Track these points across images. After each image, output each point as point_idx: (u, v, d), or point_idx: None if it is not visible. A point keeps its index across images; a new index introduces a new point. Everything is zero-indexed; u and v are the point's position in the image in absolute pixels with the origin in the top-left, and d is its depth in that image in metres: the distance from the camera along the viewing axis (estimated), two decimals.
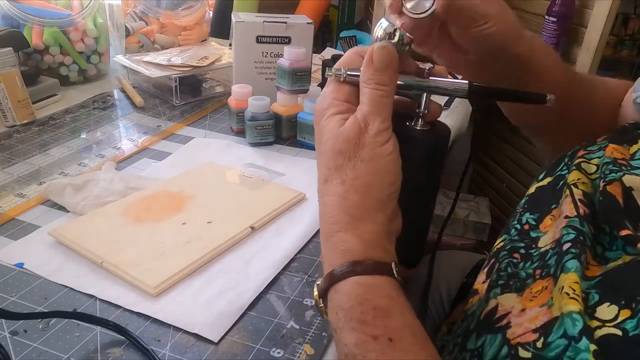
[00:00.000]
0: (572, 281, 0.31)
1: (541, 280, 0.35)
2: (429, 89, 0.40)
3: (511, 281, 0.38)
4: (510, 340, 0.33)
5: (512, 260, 0.40)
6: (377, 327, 0.31)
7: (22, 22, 0.88)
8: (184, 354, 0.39)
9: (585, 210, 0.36)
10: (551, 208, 0.41)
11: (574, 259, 0.32)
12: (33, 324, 0.41)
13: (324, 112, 0.38)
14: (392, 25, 0.37)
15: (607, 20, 1.24)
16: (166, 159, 0.70)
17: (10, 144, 0.72)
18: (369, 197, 0.35)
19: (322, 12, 1.39)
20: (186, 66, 0.90)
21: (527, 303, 0.35)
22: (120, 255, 0.48)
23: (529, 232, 0.41)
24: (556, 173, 0.43)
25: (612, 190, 0.35)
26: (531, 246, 0.40)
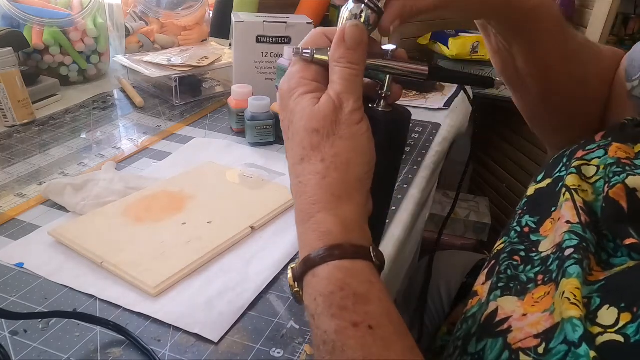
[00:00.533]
0: (573, 287, 0.31)
1: (543, 286, 0.35)
2: (392, 71, 0.40)
3: (511, 284, 0.38)
4: (511, 345, 0.32)
5: (512, 263, 0.40)
6: (357, 314, 0.31)
7: (22, 22, 0.88)
8: (184, 354, 0.39)
9: (586, 219, 0.36)
10: (551, 211, 0.40)
11: (576, 265, 0.32)
12: (33, 324, 0.41)
13: (292, 92, 0.37)
14: (358, 6, 0.37)
15: (607, 20, 1.24)
16: (166, 159, 0.70)
17: (10, 144, 0.72)
18: (350, 175, 0.35)
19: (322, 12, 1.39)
20: (186, 66, 0.90)
21: (529, 308, 0.34)
22: (120, 255, 0.48)
23: (529, 235, 0.41)
24: (555, 175, 0.43)
25: (615, 195, 0.35)
26: (531, 249, 0.39)
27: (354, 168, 0.35)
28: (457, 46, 1.40)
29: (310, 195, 0.35)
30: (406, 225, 0.57)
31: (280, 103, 0.38)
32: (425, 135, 0.81)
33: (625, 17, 1.75)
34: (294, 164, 0.37)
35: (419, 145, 0.77)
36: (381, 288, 0.33)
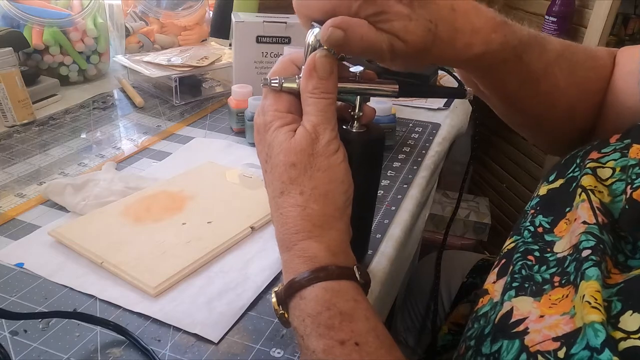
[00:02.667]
0: (593, 290, 0.30)
1: (561, 288, 0.34)
2: (363, 92, 0.41)
3: (526, 284, 0.37)
4: (529, 347, 0.32)
5: (527, 263, 0.39)
6: (343, 332, 0.32)
7: (22, 22, 0.88)
8: (184, 354, 0.39)
9: (603, 220, 0.35)
10: (565, 211, 0.39)
11: (595, 267, 0.31)
12: (33, 324, 0.41)
13: (268, 126, 0.38)
14: None
15: (607, 20, 1.24)
16: (166, 159, 0.70)
17: (10, 144, 0.72)
18: (329, 205, 0.36)
19: None
20: (186, 66, 0.90)
21: (546, 310, 0.34)
22: (120, 255, 0.48)
23: (543, 235, 0.40)
24: (568, 175, 0.42)
25: (638, 197, 0.34)
26: (546, 250, 0.39)
27: (332, 198, 0.36)
28: None
29: (292, 226, 0.36)
30: (406, 225, 0.57)
31: (256, 136, 0.39)
32: (425, 135, 0.81)
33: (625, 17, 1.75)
34: (274, 196, 0.38)
35: (419, 145, 0.77)
36: (367, 306, 0.34)
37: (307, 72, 0.37)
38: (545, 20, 1.35)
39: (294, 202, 0.36)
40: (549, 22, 1.33)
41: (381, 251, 0.52)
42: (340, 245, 0.36)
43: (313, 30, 0.38)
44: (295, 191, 0.36)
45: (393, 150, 0.75)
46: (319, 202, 0.36)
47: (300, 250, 0.35)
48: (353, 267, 0.35)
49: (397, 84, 0.42)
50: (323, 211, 0.36)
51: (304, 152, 0.36)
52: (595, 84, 0.49)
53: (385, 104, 0.72)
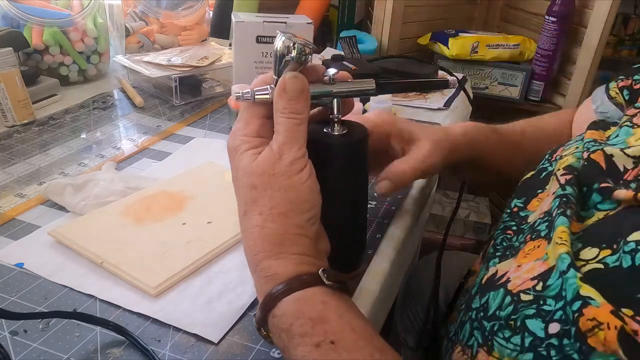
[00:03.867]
0: (560, 231, 0.35)
1: (532, 241, 0.39)
2: (339, 94, 0.41)
3: (507, 252, 0.42)
4: (512, 291, 0.36)
5: (507, 236, 0.44)
6: (317, 335, 0.32)
7: (22, 22, 0.88)
8: (184, 354, 0.39)
9: (566, 178, 0.40)
10: (537, 192, 0.44)
11: (561, 216, 0.36)
12: (33, 324, 0.41)
13: (236, 150, 0.39)
14: (290, 39, 0.38)
15: (607, 20, 1.24)
16: (166, 159, 0.70)
17: (10, 144, 0.72)
18: (288, 224, 0.36)
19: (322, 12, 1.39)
20: (186, 66, 0.90)
21: (522, 260, 0.38)
22: (120, 255, 0.48)
23: (519, 212, 0.46)
24: (538, 167, 0.49)
25: (595, 158, 0.39)
26: (521, 223, 0.43)
27: (292, 218, 0.37)
28: (457, 46, 1.40)
29: (252, 247, 0.37)
30: (406, 225, 0.57)
31: (229, 161, 0.41)
32: None
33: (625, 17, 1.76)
34: (239, 217, 0.39)
35: None
36: (337, 304, 0.34)
37: (277, 92, 0.38)
38: (545, 20, 1.34)
39: (254, 222, 0.37)
40: (549, 22, 1.33)
41: (381, 251, 0.52)
42: (303, 258, 0.36)
43: (280, 37, 0.38)
44: (255, 212, 0.37)
45: None
46: (276, 222, 0.36)
47: (262, 271, 0.36)
48: (317, 272, 0.35)
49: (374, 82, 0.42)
50: (281, 230, 0.36)
51: (265, 173, 0.37)
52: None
53: (385, 104, 0.72)
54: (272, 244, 0.36)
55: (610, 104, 0.57)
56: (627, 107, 0.54)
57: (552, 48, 1.36)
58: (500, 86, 1.46)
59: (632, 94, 0.54)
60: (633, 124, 0.43)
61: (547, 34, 1.35)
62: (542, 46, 1.38)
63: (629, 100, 0.54)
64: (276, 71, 0.39)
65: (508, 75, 1.44)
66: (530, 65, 1.43)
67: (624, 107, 0.55)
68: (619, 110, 0.56)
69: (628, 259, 0.30)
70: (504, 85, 1.45)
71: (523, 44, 1.43)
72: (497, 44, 1.41)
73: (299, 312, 0.33)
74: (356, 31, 1.39)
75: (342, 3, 1.48)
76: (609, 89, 0.58)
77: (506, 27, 1.60)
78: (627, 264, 0.30)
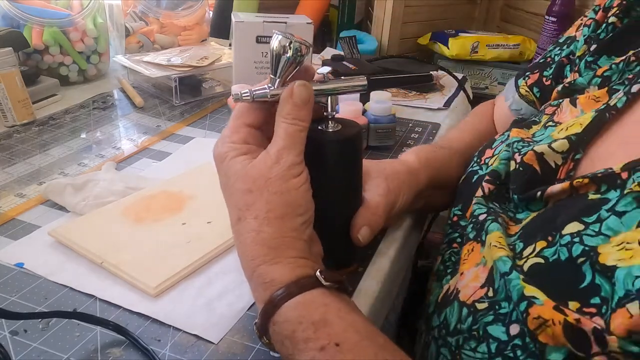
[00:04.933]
0: (496, 237, 0.37)
1: (464, 245, 0.40)
2: (333, 92, 0.42)
3: (457, 266, 0.42)
4: (465, 302, 0.37)
5: (453, 250, 0.45)
6: (321, 339, 0.32)
7: (22, 22, 0.88)
8: (184, 354, 0.39)
9: (489, 188, 0.43)
10: (472, 198, 0.45)
11: (494, 222, 0.38)
12: (33, 324, 0.41)
13: (224, 156, 0.38)
14: (287, 38, 0.38)
15: None
16: (166, 159, 0.70)
17: (10, 144, 0.72)
18: (284, 227, 0.36)
19: (322, 12, 1.39)
20: (186, 66, 0.90)
21: (462, 267, 0.40)
22: (120, 255, 0.48)
23: (459, 222, 0.47)
24: (468, 170, 0.51)
25: (528, 160, 0.41)
26: (464, 233, 0.44)
27: (288, 221, 0.36)
28: (457, 46, 1.40)
29: (248, 252, 0.36)
30: (406, 225, 0.57)
31: (216, 168, 0.40)
32: (425, 136, 0.81)
33: None
34: (232, 225, 0.39)
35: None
36: (338, 307, 0.34)
37: (284, 96, 0.38)
38: (545, 20, 1.35)
39: (249, 227, 0.37)
40: (549, 22, 1.33)
41: (381, 251, 0.52)
42: (300, 261, 0.36)
43: (277, 37, 0.38)
44: (251, 216, 0.37)
45: (393, 150, 0.75)
46: (273, 225, 0.36)
47: (259, 277, 0.36)
48: (315, 274, 0.35)
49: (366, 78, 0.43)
50: (278, 233, 0.36)
51: (262, 177, 0.36)
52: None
53: (385, 104, 0.72)
54: (269, 248, 0.36)
55: (522, 102, 0.60)
56: (541, 104, 0.57)
57: None
58: (500, 86, 1.46)
59: (542, 91, 0.57)
60: (555, 123, 0.45)
61: (547, 34, 1.35)
62: (542, 46, 1.38)
63: (540, 97, 0.57)
64: (273, 70, 0.39)
65: (508, 75, 1.44)
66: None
67: (536, 104, 0.58)
68: (531, 107, 0.59)
69: (565, 251, 0.32)
70: (503, 85, 1.45)
71: (523, 44, 1.43)
72: (497, 44, 1.42)
73: (301, 317, 0.33)
74: (356, 31, 1.39)
75: (342, 3, 1.48)
76: (518, 87, 0.61)
77: (506, 27, 1.60)
78: (564, 256, 0.32)
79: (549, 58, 0.59)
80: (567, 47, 0.56)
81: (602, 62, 0.46)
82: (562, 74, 0.55)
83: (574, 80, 0.47)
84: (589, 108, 0.42)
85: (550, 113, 0.47)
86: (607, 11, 0.49)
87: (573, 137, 0.39)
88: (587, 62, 0.47)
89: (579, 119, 0.41)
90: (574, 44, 0.54)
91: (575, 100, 0.45)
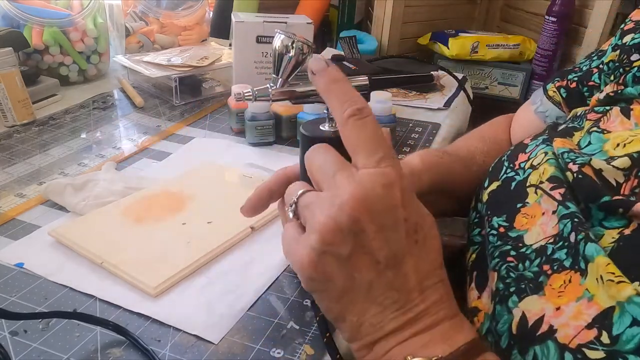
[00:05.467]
0: (604, 264, 0.30)
1: (557, 274, 0.34)
2: None
3: (522, 284, 0.36)
4: (568, 345, 0.30)
5: (510, 265, 0.39)
6: None
7: (22, 22, 0.88)
8: (183, 354, 0.39)
9: (560, 192, 0.37)
10: (518, 207, 0.41)
11: (591, 243, 0.32)
12: (33, 324, 0.41)
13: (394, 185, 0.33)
14: (289, 38, 0.38)
15: (607, 20, 1.24)
16: (166, 159, 0.70)
17: (10, 144, 0.72)
18: None
19: (322, 12, 1.39)
20: (186, 66, 0.90)
21: (557, 300, 0.33)
22: (120, 255, 0.48)
23: (507, 233, 0.41)
24: (502, 177, 0.45)
25: (586, 171, 0.37)
26: (518, 245, 0.39)
27: None
28: (457, 46, 1.40)
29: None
30: None
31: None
32: (425, 136, 0.81)
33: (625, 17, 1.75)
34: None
35: (419, 145, 0.77)
36: None
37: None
38: (545, 20, 1.35)
39: None
40: (549, 22, 1.33)
41: None
42: None
43: (279, 36, 0.38)
44: None
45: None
46: None
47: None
48: None
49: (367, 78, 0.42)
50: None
51: None
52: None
53: (385, 104, 0.72)
54: None
55: (549, 103, 0.59)
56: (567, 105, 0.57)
57: (552, 48, 1.36)
58: (500, 86, 1.46)
59: (569, 92, 0.57)
60: (602, 130, 0.42)
61: (547, 34, 1.35)
62: (542, 46, 1.38)
63: (567, 98, 0.57)
64: (275, 70, 0.39)
65: (508, 75, 1.44)
66: (530, 65, 1.43)
67: (562, 105, 0.58)
68: (557, 109, 0.59)
69: None
70: (504, 85, 1.45)
71: (523, 44, 1.43)
72: (497, 44, 1.42)
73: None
74: (356, 31, 1.39)
75: (342, 3, 1.48)
76: (546, 90, 0.61)
77: (506, 27, 1.60)
78: None
79: (577, 68, 0.59)
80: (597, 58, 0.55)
81: None
82: (588, 78, 0.54)
83: (621, 90, 0.45)
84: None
85: (595, 119, 0.45)
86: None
87: (635, 155, 0.36)
88: (635, 77, 0.44)
89: (638, 134, 0.39)
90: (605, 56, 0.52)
91: (628, 111, 0.42)
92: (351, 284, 0.32)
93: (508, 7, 1.59)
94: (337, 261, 0.31)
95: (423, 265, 0.33)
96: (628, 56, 0.46)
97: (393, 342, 0.32)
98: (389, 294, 0.32)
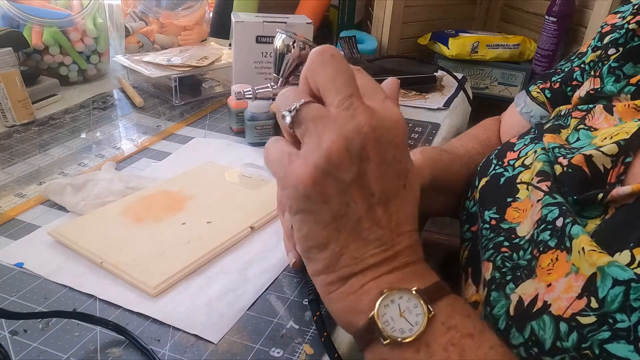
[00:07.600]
0: (587, 241, 0.32)
1: (544, 254, 0.35)
2: None
3: (517, 272, 0.37)
4: (561, 316, 0.31)
5: (504, 255, 0.40)
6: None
7: (22, 22, 0.88)
8: (183, 354, 0.39)
9: (547, 184, 0.39)
10: (508, 201, 0.42)
11: (575, 225, 0.33)
12: (33, 323, 0.41)
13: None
14: (290, 37, 0.38)
15: None
16: (166, 159, 0.70)
17: (10, 144, 0.72)
18: None
19: (322, 12, 1.39)
20: (186, 66, 0.90)
21: (547, 278, 0.34)
22: (120, 255, 0.48)
23: (499, 224, 0.42)
24: (490, 173, 0.47)
25: (577, 162, 0.38)
26: (511, 236, 0.40)
27: None
28: (457, 46, 1.40)
29: None
30: None
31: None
32: (425, 135, 0.81)
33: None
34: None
35: (419, 145, 0.77)
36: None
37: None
38: (545, 20, 1.35)
39: None
40: (549, 22, 1.33)
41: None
42: None
43: (280, 35, 0.38)
44: None
45: None
46: None
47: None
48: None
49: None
50: None
51: None
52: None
53: None
54: None
55: (533, 104, 0.62)
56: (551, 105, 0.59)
57: (552, 48, 1.36)
58: (500, 86, 1.46)
59: (553, 93, 0.59)
60: (589, 127, 0.43)
61: (547, 34, 1.35)
62: (542, 46, 1.38)
63: (551, 98, 0.59)
64: (276, 69, 0.39)
65: (508, 75, 1.44)
66: (530, 65, 1.43)
67: (546, 105, 0.60)
68: (541, 109, 0.61)
69: None
70: (504, 85, 1.45)
71: (523, 44, 1.43)
72: (497, 44, 1.42)
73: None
74: (356, 31, 1.39)
75: (342, 3, 1.48)
76: (529, 91, 0.63)
77: (506, 27, 1.60)
78: None
79: (559, 69, 0.61)
80: (577, 59, 0.57)
81: (628, 69, 0.45)
82: (571, 77, 0.56)
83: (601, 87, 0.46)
84: (629, 117, 0.41)
85: (580, 117, 0.46)
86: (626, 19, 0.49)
87: (622, 142, 0.38)
88: (610, 67, 0.46)
89: (624, 127, 0.40)
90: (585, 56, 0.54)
91: (611, 107, 0.43)
92: (344, 211, 0.32)
93: (508, 7, 1.59)
94: (337, 185, 0.31)
95: (405, 210, 0.33)
96: (606, 52, 0.49)
97: (369, 276, 0.32)
98: (374, 229, 0.32)
